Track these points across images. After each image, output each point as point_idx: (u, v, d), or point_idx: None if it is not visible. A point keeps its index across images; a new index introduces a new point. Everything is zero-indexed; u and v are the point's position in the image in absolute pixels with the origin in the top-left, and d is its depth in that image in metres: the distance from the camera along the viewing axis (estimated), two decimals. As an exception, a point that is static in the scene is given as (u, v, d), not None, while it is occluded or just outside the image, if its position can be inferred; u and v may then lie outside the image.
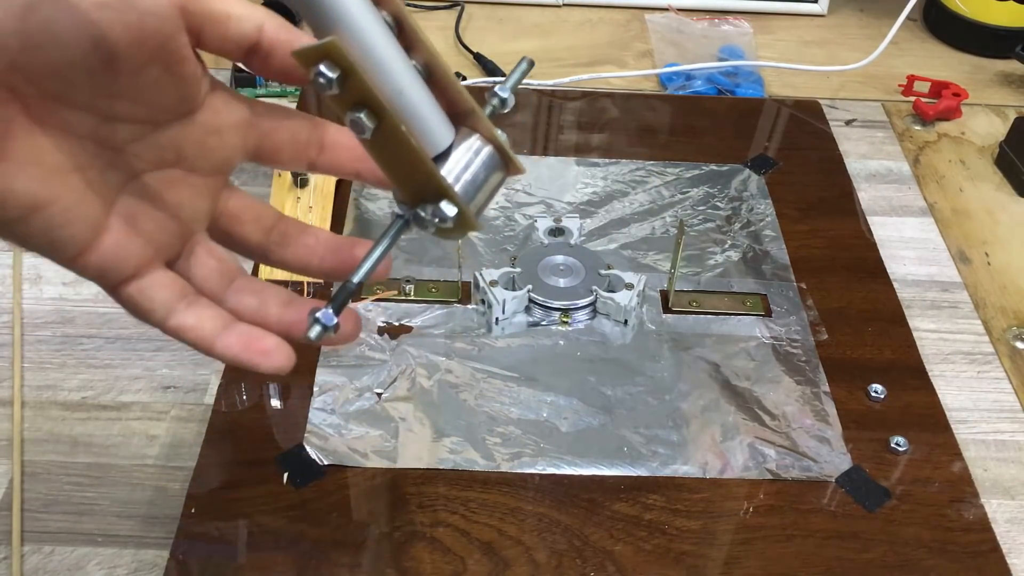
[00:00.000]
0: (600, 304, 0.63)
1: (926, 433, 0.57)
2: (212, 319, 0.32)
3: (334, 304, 0.31)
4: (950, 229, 0.75)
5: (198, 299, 0.33)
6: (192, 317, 0.32)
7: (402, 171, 0.31)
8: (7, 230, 0.29)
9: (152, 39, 0.28)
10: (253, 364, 0.32)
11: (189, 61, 0.30)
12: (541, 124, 0.80)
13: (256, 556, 0.49)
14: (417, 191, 0.31)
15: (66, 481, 0.55)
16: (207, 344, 0.32)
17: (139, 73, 0.29)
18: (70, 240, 0.30)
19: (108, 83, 0.29)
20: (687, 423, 0.56)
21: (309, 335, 0.31)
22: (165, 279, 0.32)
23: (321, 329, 0.31)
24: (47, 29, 0.27)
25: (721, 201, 0.72)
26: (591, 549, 0.50)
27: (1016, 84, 0.93)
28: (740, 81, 0.89)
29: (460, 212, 0.31)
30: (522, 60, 0.34)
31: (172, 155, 0.32)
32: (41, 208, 0.29)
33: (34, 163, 0.28)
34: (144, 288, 0.32)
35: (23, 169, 0.28)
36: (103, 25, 0.27)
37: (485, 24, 0.98)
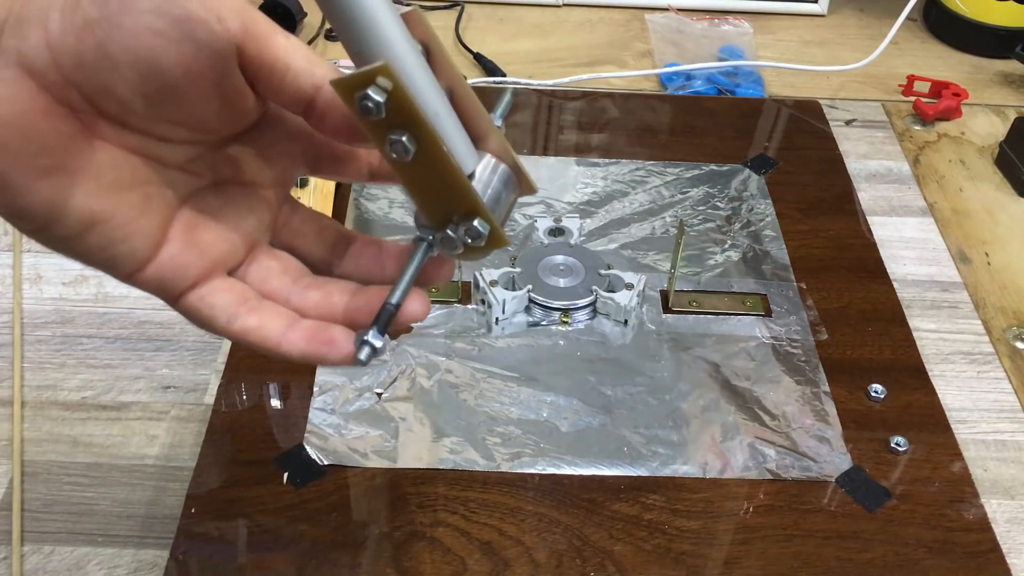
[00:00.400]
0: (600, 304, 0.63)
1: (926, 433, 0.57)
2: (276, 319, 0.32)
3: (379, 325, 0.31)
4: (950, 229, 0.75)
5: (261, 302, 0.32)
6: (255, 319, 0.31)
7: (435, 193, 0.31)
8: (65, 245, 0.29)
9: (207, 73, 0.28)
10: (320, 356, 0.31)
11: (245, 95, 0.30)
12: (541, 124, 0.80)
13: (256, 556, 0.49)
14: (447, 213, 0.32)
15: (66, 481, 0.55)
16: (273, 344, 0.31)
17: (194, 102, 0.29)
18: (129, 256, 0.30)
19: (163, 109, 0.29)
20: (687, 423, 0.56)
21: (360, 357, 0.31)
22: (225, 284, 0.32)
23: (371, 351, 0.31)
24: (101, 50, 0.27)
25: (721, 201, 0.72)
26: (591, 549, 0.50)
27: (1016, 84, 0.93)
28: (740, 81, 0.89)
29: (492, 229, 0.32)
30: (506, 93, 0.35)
31: (229, 171, 0.32)
32: (99, 224, 0.29)
33: (92, 179, 0.28)
34: (205, 295, 0.31)
35: (81, 184, 0.28)
36: (158, 53, 0.27)
37: (485, 24, 0.98)
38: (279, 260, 0.33)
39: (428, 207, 0.32)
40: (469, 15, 0.98)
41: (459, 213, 0.32)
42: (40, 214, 0.28)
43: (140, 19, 0.27)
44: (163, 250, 0.30)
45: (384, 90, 0.28)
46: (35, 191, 0.27)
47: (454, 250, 0.32)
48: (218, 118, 0.30)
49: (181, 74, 0.28)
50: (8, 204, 0.27)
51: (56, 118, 0.27)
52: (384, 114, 0.28)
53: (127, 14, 0.27)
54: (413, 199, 0.32)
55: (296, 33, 0.93)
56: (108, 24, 0.27)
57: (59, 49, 0.27)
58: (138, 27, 0.27)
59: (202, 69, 0.28)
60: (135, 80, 0.28)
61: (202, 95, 0.29)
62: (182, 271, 0.31)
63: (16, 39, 0.26)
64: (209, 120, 0.30)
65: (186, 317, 0.32)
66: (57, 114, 0.27)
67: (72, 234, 0.28)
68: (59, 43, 0.27)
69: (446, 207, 0.32)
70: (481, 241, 0.32)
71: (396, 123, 0.29)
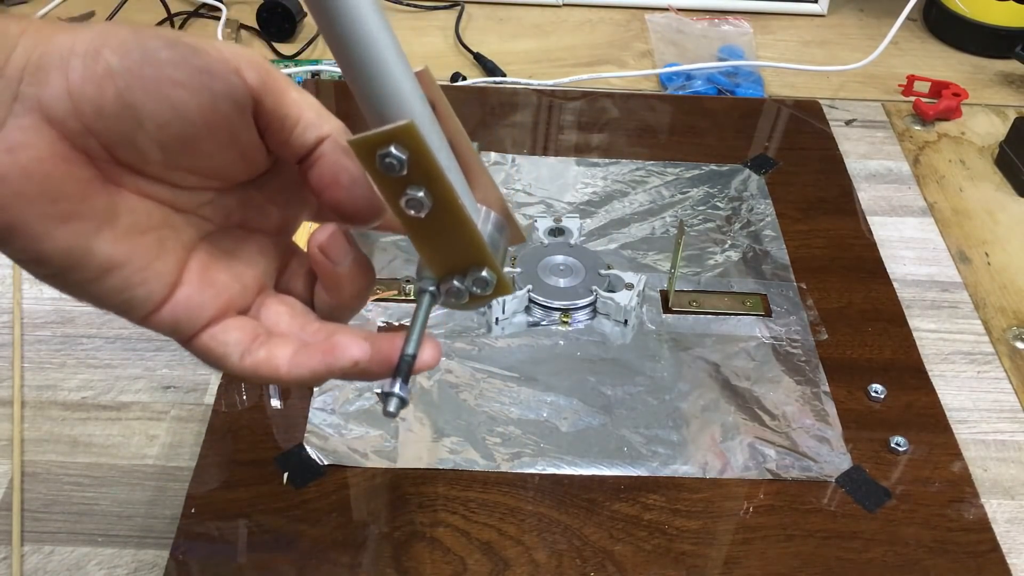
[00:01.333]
0: (600, 304, 0.63)
1: (926, 433, 0.57)
2: (283, 347, 0.32)
3: (401, 376, 0.32)
4: (950, 229, 0.75)
5: (271, 337, 0.32)
6: (264, 352, 0.31)
7: (445, 246, 0.32)
8: (82, 290, 0.29)
9: (224, 124, 0.29)
10: (327, 365, 0.31)
11: (258, 145, 0.30)
12: (541, 124, 0.80)
13: (256, 556, 0.49)
14: (455, 264, 0.32)
15: (66, 481, 0.55)
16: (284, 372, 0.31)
17: (209, 152, 0.29)
18: (145, 299, 0.30)
19: (179, 158, 0.29)
20: (687, 423, 0.56)
21: (390, 410, 0.31)
22: (237, 323, 0.32)
23: (399, 402, 0.31)
24: (122, 100, 0.27)
25: (721, 201, 0.72)
26: (591, 549, 0.50)
27: (1016, 84, 0.93)
28: (740, 81, 0.89)
29: (499, 278, 0.32)
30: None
31: (238, 216, 0.33)
32: (116, 268, 0.29)
33: (110, 224, 0.29)
34: (217, 333, 0.31)
35: (99, 230, 0.28)
36: (177, 104, 0.28)
37: (485, 24, 0.98)
38: (288, 305, 0.34)
39: (435, 259, 0.32)
40: (469, 15, 0.98)
41: (467, 264, 0.32)
42: (58, 260, 0.28)
43: (161, 70, 0.27)
44: (178, 291, 0.31)
45: (406, 148, 0.28)
46: (54, 238, 0.27)
47: (459, 299, 0.33)
48: (231, 166, 0.31)
49: (200, 124, 0.28)
50: (26, 250, 0.28)
51: (74, 165, 0.28)
52: (405, 171, 0.29)
53: (149, 65, 0.27)
54: (420, 252, 0.32)
55: (296, 33, 0.93)
56: (129, 74, 0.27)
57: (80, 97, 0.27)
58: (160, 78, 0.27)
59: (220, 120, 0.29)
60: (154, 129, 0.28)
61: (218, 145, 0.29)
62: (197, 311, 0.31)
63: (35, 86, 0.27)
64: (222, 168, 0.30)
65: (199, 357, 0.32)
66: (75, 161, 0.28)
67: (90, 279, 0.29)
68: (80, 92, 0.27)
69: (455, 259, 0.32)
70: (489, 290, 0.32)
71: (414, 180, 0.29)
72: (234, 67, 0.28)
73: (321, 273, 0.33)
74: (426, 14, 0.98)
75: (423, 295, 0.33)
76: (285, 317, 0.33)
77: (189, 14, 0.94)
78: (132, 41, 0.27)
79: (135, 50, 0.27)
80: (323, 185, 0.31)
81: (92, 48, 0.27)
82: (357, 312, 0.35)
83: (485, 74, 0.90)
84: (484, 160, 0.73)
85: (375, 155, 0.29)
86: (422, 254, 0.32)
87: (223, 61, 0.28)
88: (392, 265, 0.65)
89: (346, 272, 0.32)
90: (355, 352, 0.31)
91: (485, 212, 0.33)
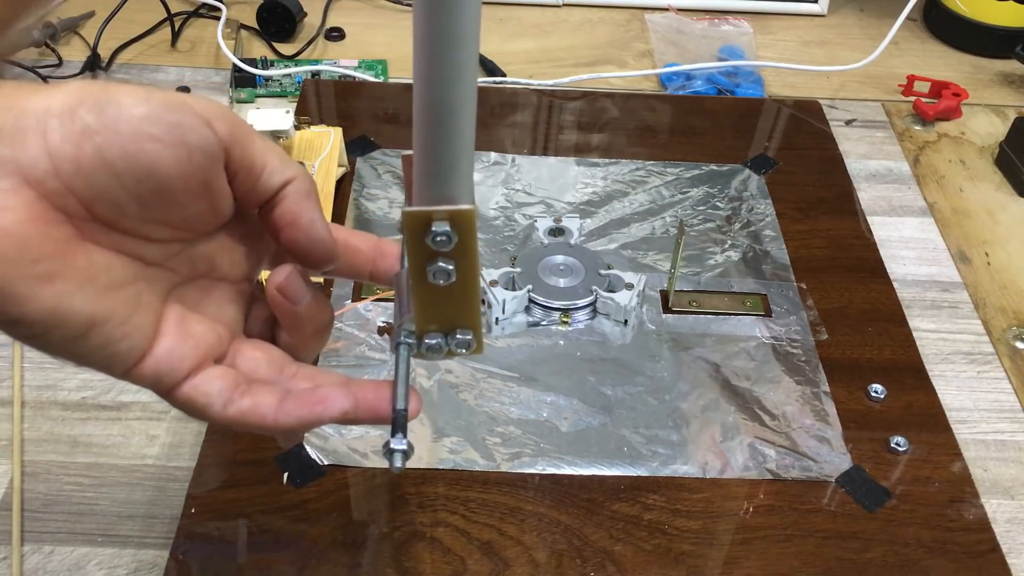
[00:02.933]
0: (600, 304, 0.63)
1: (926, 433, 0.57)
2: (268, 396, 0.32)
3: (400, 431, 0.34)
4: (950, 229, 0.75)
5: (251, 385, 0.33)
6: (248, 400, 0.32)
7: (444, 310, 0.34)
8: (63, 348, 0.29)
9: (197, 175, 0.30)
10: (316, 416, 0.33)
11: (226, 194, 0.31)
12: (541, 124, 0.80)
13: (256, 556, 0.49)
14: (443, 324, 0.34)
15: (66, 481, 0.55)
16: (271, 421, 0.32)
17: (183, 203, 0.30)
18: (126, 353, 0.30)
19: (154, 210, 0.30)
20: (687, 423, 0.56)
21: (396, 465, 0.33)
22: (217, 372, 0.32)
23: (403, 455, 0.33)
24: (100, 156, 0.28)
25: (721, 201, 0.72)
26: (591, 549, 0.50)
27: (1016, 84, 0.93)
28: (740, 81, 0.89)
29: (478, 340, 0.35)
30: None
31: (204, 267, 0.33)
32: (98, 325, 0.29)
33: (90, 282, 0.29)
34: (199, 384, 0.32)
35: (80, 288, 0.29)
36: (154, 157, 0.29)
37: (485, 24, 0.97)
38: (262, 349, 0.35)
39: (429, 318, 0.34)
40: (469, 15, 0.98)
41: (455, 326, 0.34)
42: (40, 321, 0.28)
43: (137, 125, 0.28)
44: (158, 344, 0.31)
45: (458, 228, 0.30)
46: (35, 299, 0.28)
47: (437, 353, 0.35)
48: (201, 217, 0.31)
49: (175, 176, 0.29)
50: (7, 312, 0.28)
51: (53, 224, 0.28)
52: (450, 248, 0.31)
53: (124, 121, 0.28)
54: (418, 309, 0.34)
55: (296, 33, 0.93)
56: (107, 131, 0.28)
57: (59, 157, 0.27)
58: (136, 133, 0.28)
59: (193, 171, 0.30)
60: (133, 184, 0.29)
61: (191, 196, 0.30)
62: (178, 363, 0.31)
63: (13, 148, 0.27)
64: (192, 219, 0.31)
65: (181, 408, 0.33)
66: (54, 220, 0.28)
67: (72, 337, 0.29)
68: (59, 151, 0.27)
69: (448, 321, 0.34)
70: (469, 350, 0.35)
71: (452, 255, 0.31)
72: (206, 120, 0.29)
73: (280, 313, 0.34)
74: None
75: (402, 347, 0.34)
76: (262, 362, 0.34)
77: (189, 14, 0.94)
78: (106, 99, 0.28)
79: (110, 107, 0.28)
80: (283, 224, 0.32)
81: (68, 108, 0.28)
82: (319, 350, 0.37)
83: (485, 74, 0.90)
84: (484, 161, 0.74)
85: (428, 228, 0.30)
86: (418, 312, 0.34)
87: (195, 115, 0.29)
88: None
89: (304, 311, 0.34)
90: (344, 404, 0.33)
91: None
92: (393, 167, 0.73)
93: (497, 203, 0.71)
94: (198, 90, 0.85)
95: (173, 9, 0.92)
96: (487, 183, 0.72)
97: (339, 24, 0.95)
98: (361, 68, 0.88)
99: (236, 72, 0.84)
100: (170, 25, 0.91)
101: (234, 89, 0.84)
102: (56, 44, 0.89)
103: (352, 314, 0.61)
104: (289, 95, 0.85)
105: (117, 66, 0.87)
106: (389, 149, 0.75)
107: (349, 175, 0.72)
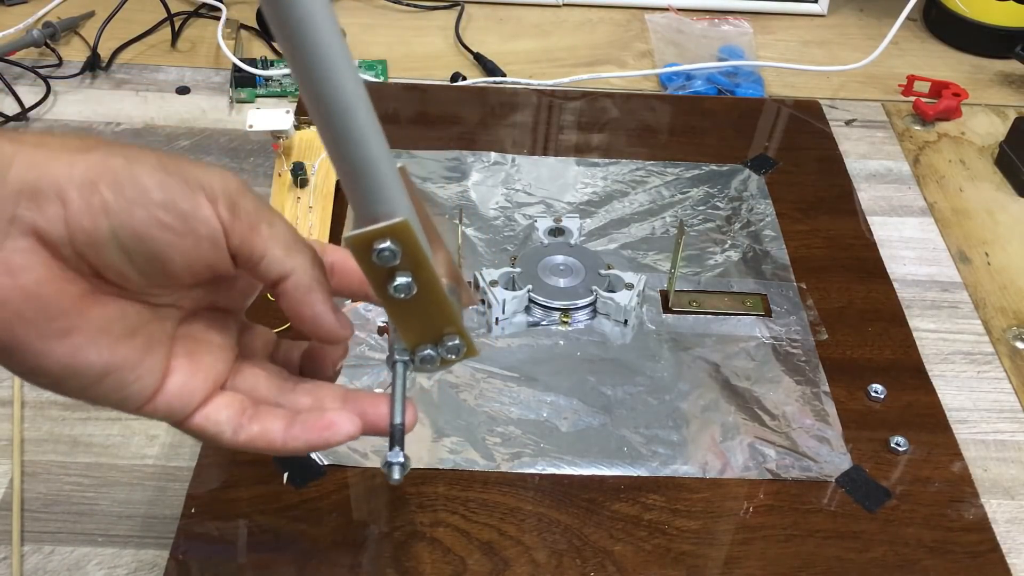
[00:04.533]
0: (600, 304, 0.63)
1: (926, 433, 0.57)
2: (275, 421, 0.35)
3: (398, 444, 0.36)
4: (950, 229, 0.75)
5: (258, 409, 0.35)
6: (257, 427, 0.34)
7: (421, 321, 0.36)
8: (78, 393, 0.31)
9: (203, 259, 0.32)
10: (324, 441, 0.35)
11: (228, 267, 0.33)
12: (541, 124, 0.80)
13: (256, 556, 0.49)
14: (429, 335, 0.36)
15: (66, 481, 0.55)
16: (279, 445, 0.34)
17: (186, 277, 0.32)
18: (139, 394, 0.32)
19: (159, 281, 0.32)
20: (687, 423, 0.56)
21: (394, 478, 0.35)
22: (224, 399, 0.34)
23: (401, 468, 0.36)
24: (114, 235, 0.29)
25: (721, 201, 0.72)
26: (591, 549, 0.50)
27: (1016, 84, 0.93)
28: (740, 81, 0.89)
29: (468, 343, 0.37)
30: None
31: (208, 300, 0.35)
32: (112, 373, 0.31)
33: (103, 333, 0.31)
34: (210, 413, 0.34)
35: (94, 341, 0.30)
36: (164, 244, 0.30)
37: (485, 24, 0.98)
38: (260, 367, 0.37)
39: (411, 333, 0.36)
40: (469, 15, 0.98)
41: (440, 334, 0.36)
42: (56, 373, 0.30)
43: (153, 212, 0.30)
44: (169, 381, 0.33)
45: (399, 241, 0.32)
46: (52, 353, 0.29)
47: (432, 365, 0.37)
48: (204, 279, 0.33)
49: (180, 261, 0.31)
50: (26, 364, 0.30)
51: (68, 282, 0.30)
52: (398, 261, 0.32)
53: (141, 206, 0.29)
54: (399, 327, 0.36)
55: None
56: (123, 213, 0.29)
57: (75, 228, 0.29)
58: (150, 220, 0.30)
59: (200, 256, 0.31)
60: (142, 263, 0.30)
61: (195, 273, 0.32)
62: (188, 397, 0.33)
63: (33, 211, 0.28)
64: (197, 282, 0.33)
65: (193, 436, 0.35)
66: (68, 279, 0.30)
67: (86, 384, 0.31)
68: (76, 223, 0.29)
69: (430, 331, 0.36)
70: (460, 354, 0.37)
71: (402, 267, 0.33)
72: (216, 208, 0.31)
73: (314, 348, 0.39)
74: (426, 14, 0.98)
75: (398, 365, 0.37)
76: (262, 380, 0.36)
77: (189, 14, 0.94)
78: (127, 177, 0.29)
79: (129, 187, 0.29)
80: (288, 314, 0.34)
81: (88, 180, 0.29)
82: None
83: (485, 74, 0.90)
84: (484, 161, 0.74)
85: (371, 249, 0.32)
86: (400, 329, 0.36)
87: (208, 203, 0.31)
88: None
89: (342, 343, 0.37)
90: (350, 429, 0.35)
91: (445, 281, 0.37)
92: (393, 167, 0.73)
93: (497, 203, 0.71)
94: (198, 90, 0.85)
95: (173, 9, 0.92)
96: (487, 183, 0.73)
97: (339, 24, 0.95)
98: (361, 68, 0.88)
99: (236, 72, 0.84)
100: (170, 25, 0.91)
101: (234, 89, 0.84)
102: (56, 44, 0.89)
103: (352, 314, 0.61)
104: (289, 95, 0.85)
105: (117, 66, 0.87)
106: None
107: (349, 175, 0.72)
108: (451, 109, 0.80)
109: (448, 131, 0.77)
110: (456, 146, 0.76)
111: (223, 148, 0.79)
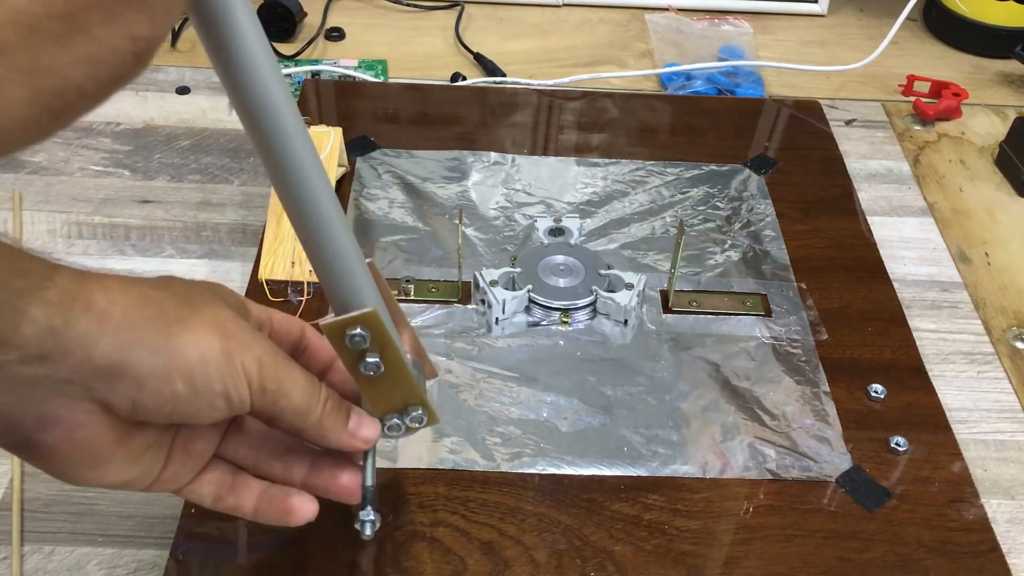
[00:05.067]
0: (600, 304, 0.63)
1: (926, 433, 0.57)
2: (248, 496, 0.41)
3: (371, 504, 0.42)
4: (950, 229, 0.75)
5: (235, 482, 0.41)
6: (232, 499, 0.41)
7: (388, 394, 0.41)
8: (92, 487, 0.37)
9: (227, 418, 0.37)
10: (284, 523, 0.41)
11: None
12: (541, 124, 0.80)
13: (256, 556, 0.49)
14: (395, 406, 0.42)
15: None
16: (250, 515, 0.41)
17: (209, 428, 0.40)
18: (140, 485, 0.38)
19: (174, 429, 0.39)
20: (687, 423, 0.56)
21: (366, 534, 0.41)
22: (207, 477, 0.41)
23: (371, 525, 0.41)
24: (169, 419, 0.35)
25: (721, 201, 0.72)
26: (591, 549, 0.50)
27: (1016, 84, 0.93)
28: (740, 81, 0.89)
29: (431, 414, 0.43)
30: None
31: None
32: (129, 483, 0.37)
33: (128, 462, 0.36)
34: (194, 489, 0.40)
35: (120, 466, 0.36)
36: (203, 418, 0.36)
37: (485, 24, 0.98)
38: (244, 434, 0.42)
39: (379, 404, 0.42)
40: (469, 15, 0.98)
41: (405, 405, 0.42)
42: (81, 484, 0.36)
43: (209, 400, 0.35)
44: (166, 471, 0.38)
45: (368, 327, 0.37)
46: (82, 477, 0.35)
47: (399, 432, 0.43)
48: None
49: (208, 422, 0.37)
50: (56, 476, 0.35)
51: (110, 430, 0.35)
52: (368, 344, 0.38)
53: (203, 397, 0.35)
54: (368, 399, 0.41)
55: (296, 33, 0.92)
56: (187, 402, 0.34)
57: (140, 406, 0.34)
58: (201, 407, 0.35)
59: (225, 416, 0.37)
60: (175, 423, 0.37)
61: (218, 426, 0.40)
62: (179, 480, 0.40)
63: (108, 388, 0.33)
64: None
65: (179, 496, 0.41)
66: (112, 426, 0.34)
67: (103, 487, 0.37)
68: (142, 403, 0.34)
69: (396, 402, 0.42)
70: (423, 423, 0.43)
71: (372, 349, 0.38)
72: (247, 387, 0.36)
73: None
74: (426, 14, 0.98)
75: None
76: (243, 447, 0.42)
77: (189, 14, 0.94)
78: (200, 374, 0.34)
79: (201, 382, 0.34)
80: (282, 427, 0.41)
81: (166, 374, 0.33)
82: None
83: (485, 74, 0.90)
84: (484, 161, 0.74)
85: (344, 334, 0.37)
86: (369, 400, 0.41)
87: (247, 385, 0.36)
88: (392, 265, 0.65)
89: None
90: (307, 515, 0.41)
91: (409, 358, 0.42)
92: (393, 167, 0.73)
93: (497, 203, 0.71)
94: (198, 90, 0.85)
95: (173, 9, 0.92)
96: (487, 183, 0.73)
97: (339, 24, 0.95)
98: (361, 68, 0.88)
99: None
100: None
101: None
102: (56, 44, 0.89)
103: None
104: (289, 95, 0.85)
105: (117, 66, 0.87)
106: (389, 149, 0.75)
107: (349, 175, 0.72)
108: (451, 109, 0.80)
109: (448, 131, 0.77)
110: (456, 146, 0.76)
111: (223, 148, 0.79)
